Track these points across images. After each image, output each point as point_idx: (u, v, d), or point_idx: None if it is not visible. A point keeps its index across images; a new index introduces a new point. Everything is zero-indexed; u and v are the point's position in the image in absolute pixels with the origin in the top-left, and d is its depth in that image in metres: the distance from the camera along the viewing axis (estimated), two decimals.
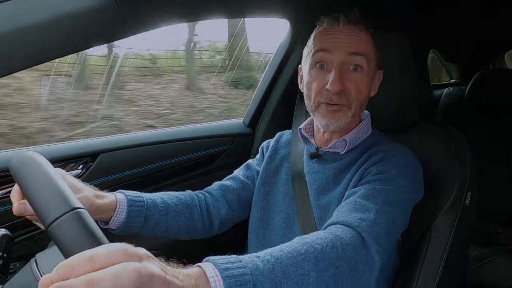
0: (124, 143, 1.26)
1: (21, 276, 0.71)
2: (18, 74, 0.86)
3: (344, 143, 0.87)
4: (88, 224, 0.44)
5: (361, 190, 0.77)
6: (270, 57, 1.51)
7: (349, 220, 0.69)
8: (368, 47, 0.85)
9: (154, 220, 0.84)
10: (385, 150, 0.85)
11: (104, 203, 0.75)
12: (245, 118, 1.56)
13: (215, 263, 0.49)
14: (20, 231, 1.08)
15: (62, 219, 0.44)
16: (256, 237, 0.96)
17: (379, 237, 0.68)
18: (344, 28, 0.83)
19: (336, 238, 0.63)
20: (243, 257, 0.53)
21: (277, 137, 1.06)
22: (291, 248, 0.58)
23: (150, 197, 0.85)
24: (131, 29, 0.81)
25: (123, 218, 0.78)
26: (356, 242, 0.65)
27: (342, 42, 0.82)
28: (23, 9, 0.68)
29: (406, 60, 0.94)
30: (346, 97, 0.82)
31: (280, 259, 0.55)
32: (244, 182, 1.01)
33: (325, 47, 0.83)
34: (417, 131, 1.00)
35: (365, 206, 0.72)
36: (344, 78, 0.82)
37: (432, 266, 0.91)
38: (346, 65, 0.82)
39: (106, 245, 0.40)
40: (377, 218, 0.70)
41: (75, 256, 0.38)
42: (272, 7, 1.23)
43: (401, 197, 0.77)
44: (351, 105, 0.83)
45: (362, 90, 0.84)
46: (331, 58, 0.82)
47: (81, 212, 0.45)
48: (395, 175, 0.79)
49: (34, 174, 0.52)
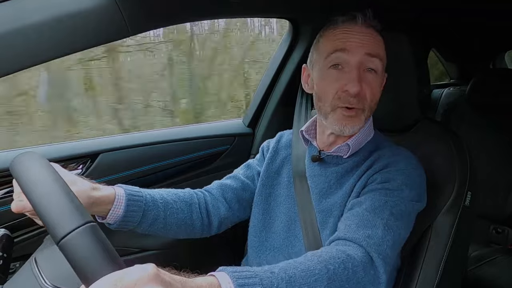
0: (124, 143, 1.26)
1: (21, 276, 0.71)
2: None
3: (347, 148, 0.86)
4: (102, 240, 0.44)
5: (366, 201, 0.76)
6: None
7: (357, 237, 0.69)
8: (382, 49, 0.83)
9: (152, 215, 0.82)
10: (389, 155, 0.84)
11: (102, 195, 0.74)
12: (245, 118, 1.56)
13: (232, 276, 0.50)
14: (20, 231, 1.08)
15: (74, 234, 0.44)
16: (257, 240, 0.95)
17: (387, 256, 0.69)
18: (360, 28, 0.81)
19: (348, 259, 0.64)
20: (259, 272, 0.54)
21: (278, 137, 1.05)
22: (305, 267, 0.59)
23: (149, 192, 0.84)
24: (131, 29, 0.81)
25: (121, 212, 0.77)
26: (366, 263, 0.66)
27: (359, 42, 0.80)
28: (23, 9, 0.68)
29: (406, 60, 0.94)
30: (363, 101, 0.81)
31: (294, 277, 0.56)
32: (244, 181, 1.00)
33: (342, 46, 0.80)
34: (417, 131, 1.00)
35: (372, 221, 0.72)
36: (361, 80, 0.79)
37: (432, 266, 0.91)
38: (362, 67, 0.80)
39: (127, 273, 0.41)
40: (385, 236, 0.70)
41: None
42: (274, 7, 1.23)
43: (406, 209, 0.77)
44: (366, 109, 0.82)
45: (376, 94, 0.82)
46: (348, 59, 0.80)
47: (93, 226, 0.45)
48: (400, 184, 0.78)
49: (37, 179, 0.51)
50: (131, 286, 0.39)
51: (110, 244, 0.45)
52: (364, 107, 0.82)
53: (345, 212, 0.80)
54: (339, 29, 0.83)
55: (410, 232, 0.79)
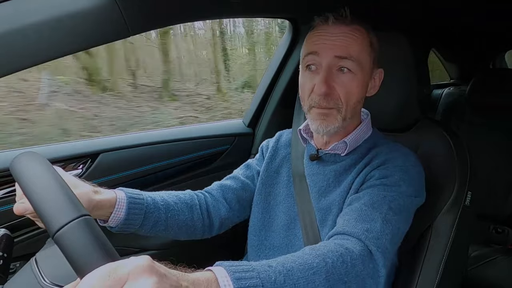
0: (124, 143, 1.26)
1: (21, 276, 0.71)
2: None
3: (344, 145, 0.87)
4: (96, 233, 0.44)
5: (365, 196, 0.77)
6: None
7: (356, 231, 0.69)
8: (361, 47, 0.81)
9: (154, 218, 0.83)
10: (387, 152, 0.84)
11: (103, 198, 0.75)
12: (245, 118, 1.56)
13: (229, 271, 0.50)
14: (20, 231, 1.08)
15: (69, 227, 0.44)
16: (257, 239, 0.95)
17: (386, 249, 0.69)
18: (333, 29, 0.81)
19: (346, 252, 0.64)
20: (256, 266, 0.54)
21: (277, 136, 1.06)
22: (303, 260, 0.59)
23: (150, 195, 0.84)
24: (131, 29, 0.81)
25: (122, 215, 0.78)
26: (364, 256, 0.66)
27: (329, 44, 0.80)
28: (23, 9, 0.68)
29: (406, 60, 0.94)
30: (334, 101, 0.81)
31: (292, 271, 0.56)
32: (244, 182, 1.00)
33: (313, 49, 0.82)
34: (417, 130, 1.00)
35: (370, 216, 0.72)
36: (331, 80, 0.80)
37: (432, 266, 0.91)
38: (334, 68, 0.81)
39: (121, 264, 0.41)
40: (383, 229, 0.70)
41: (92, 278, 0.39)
42: (274, 7, 1.23)
43: (404, 203, 0.77)
44: (341, 109, 0.82)
45: (352, 92, 0.81)
46: (319, 61, 0.81)
47: (87, 219, 0.45)
48: (398, 179, 0.78)
49: (36, 177, 0.51)
50: (124, 277, 0.39)
51: (105, 236, 0.45)
52: (339, 107, 0.82)
53: (344, 208, 0.80)
54: (315, 31, 0.84)
55: (409, 227, 0.79)
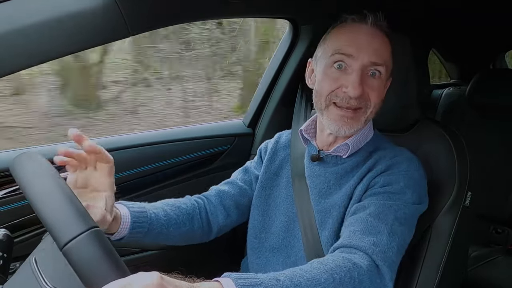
0: (124, 143, 1.26)
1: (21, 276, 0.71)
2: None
3: (347, 147, 0.86)
4: (106, 246, 0.44)
5: (370, 206, 0.76)
6: None
7: (363, 245, 0.69)
8: (389, 54, 0.82)
9: (156, 232, 0.84)
10: (390, 157, 0.84)
11: None
12: (245, 118, 1.56)
13: (236, 283, 0.50)
14: (20, 231, 1.08)
15: (78, 240, 0.43)
16: (256, 241, 0.95)
17: (392, 262, 0.69)
18: (369, 30, 0.80)
19: (354, 267, 0.64)
20: (264, 279, 0.54)
21: (276, 138, 1.05)
22: (311, 275, 0.59)
23: (153, 210, 0.84)
24: (131, 29, 0.81)
25: (126, 232, 0.79)
26: (372, 271, 0.66)
27: (365, 46, 0.79)
28: (23, 9, 0.68)
29: (406, 60, 0.94)
30: (364, 101, 0.80)
31: (299, 286, 0.56)
32: (241, 187, 1.00)
33: (348, 49, 0.79)
34: (417, 131, 1.00)
35: (376, 228, 0.72)
36: (364, 83, 0.79)
37: (432, 267, 0.91)
38: (366, 70, 0.80)
39: (132, 280, 0.41)
40: (390, 242, 0.70)
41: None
42: (274, 7, 1.23)
43: (409, 212, 0.77)
44: (368, 110, 0.81)
45: (380, 97, 0.82)
46: (352, 60, 0.79)
47: (97, 232, 0.44)
48: (403, 187, 0.78)
49: (38, 182, 0.50)
50: None
51: (114, 249, 0.44)
52: (367, 107, 0.81)
53: (348, 217, 0.80)
54: (347, 28, 0.82)
55: (412, 235, 0.79)
